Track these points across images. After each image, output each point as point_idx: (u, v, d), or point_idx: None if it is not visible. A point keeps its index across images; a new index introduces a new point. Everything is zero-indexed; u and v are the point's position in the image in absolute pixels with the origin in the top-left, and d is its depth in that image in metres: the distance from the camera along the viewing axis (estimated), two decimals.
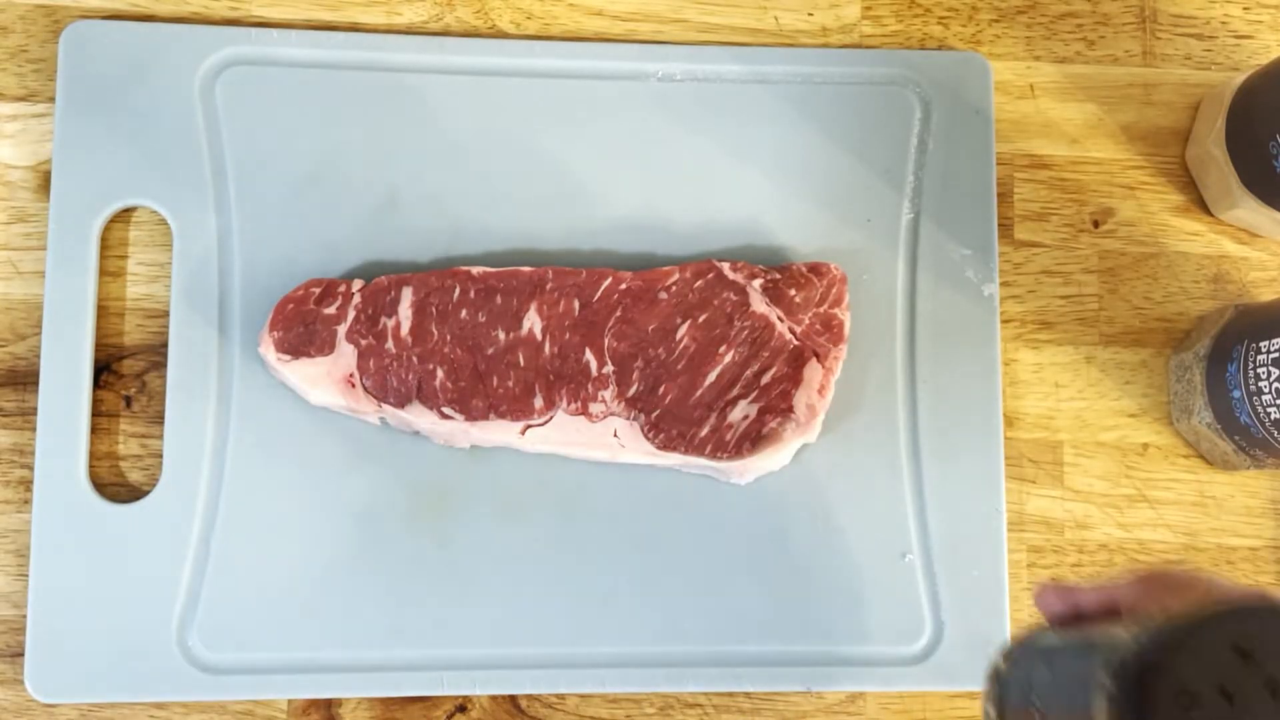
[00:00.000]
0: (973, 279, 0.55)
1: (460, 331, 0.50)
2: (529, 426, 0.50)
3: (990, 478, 0.53)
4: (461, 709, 0.51)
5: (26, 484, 0.50)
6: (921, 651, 0.52)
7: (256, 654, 0.50)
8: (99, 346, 0.51)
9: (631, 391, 0.50)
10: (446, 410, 0.49)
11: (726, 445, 0.50)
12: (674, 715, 0.52)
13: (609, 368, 0.50)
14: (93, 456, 0.51)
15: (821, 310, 0.52)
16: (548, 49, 0.55)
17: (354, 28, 0.55)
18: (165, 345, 0.51)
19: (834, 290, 0.52)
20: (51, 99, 0.53)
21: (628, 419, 0.50)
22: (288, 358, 0.49)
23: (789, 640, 0.52)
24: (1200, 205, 0.58)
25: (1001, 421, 0.54)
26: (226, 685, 0.49)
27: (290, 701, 0.50)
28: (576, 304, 0.51)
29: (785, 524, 0.52)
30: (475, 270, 0.51)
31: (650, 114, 0.55)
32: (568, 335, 0.50)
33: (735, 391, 0.51)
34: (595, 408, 0.50)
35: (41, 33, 0.54)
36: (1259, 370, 0.50)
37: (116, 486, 0.51)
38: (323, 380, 0.50)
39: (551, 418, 0.50)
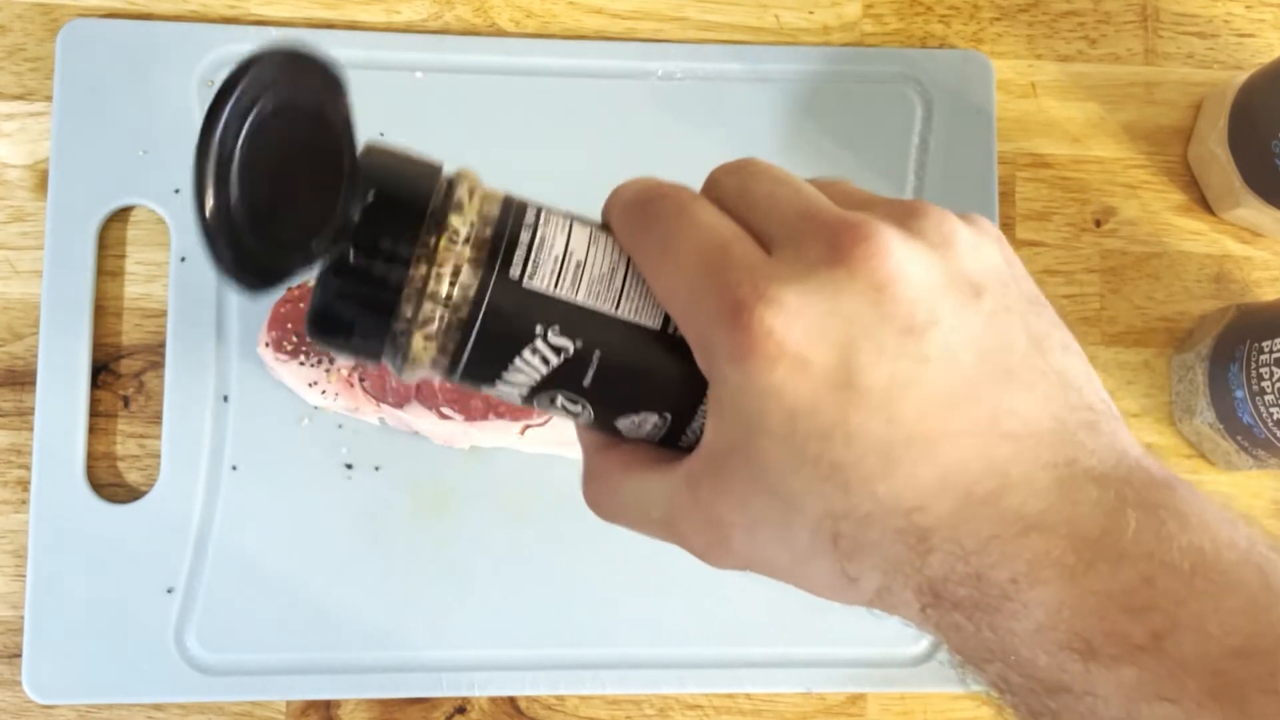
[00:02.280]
0: None
1: None
2: (529, 426, 0.50)
3: None
4: (461, 710, 0.51)
5: (24, 484, 0.50)
6: (923, 653, 0.52)
7: (255, 655, 0.49)
8: (97, 346, 0.51)
9: None
10: (446, 410, 0.49)
11: None
12: (674, 716, 0.52)
13: None
14: (90, 456, 0.50)
15: None
16: (547, 47, 0.55)
17: (353, 26, 0.55)
18: (163, 345, 0.51)
19: None
20: (49, 98, 0.52)
21: None
22: (286, 357, 0.49)
23: (790, 641, 0.52)
24: (1202, 204, 0.58)
25: None
26: (224, 686, 0.49)
27: (289, 703, 0.50)
28: None
29: None
30: None
31: (650, 113, 0.55)
32: None
33: None
34: None
35: (39, 31, 0.53)
36: (1261, 370, 0.50)
37: (114, 487, 0.51)
38: (321, 380, 0.49)
39: (551, 418, 0.50)
